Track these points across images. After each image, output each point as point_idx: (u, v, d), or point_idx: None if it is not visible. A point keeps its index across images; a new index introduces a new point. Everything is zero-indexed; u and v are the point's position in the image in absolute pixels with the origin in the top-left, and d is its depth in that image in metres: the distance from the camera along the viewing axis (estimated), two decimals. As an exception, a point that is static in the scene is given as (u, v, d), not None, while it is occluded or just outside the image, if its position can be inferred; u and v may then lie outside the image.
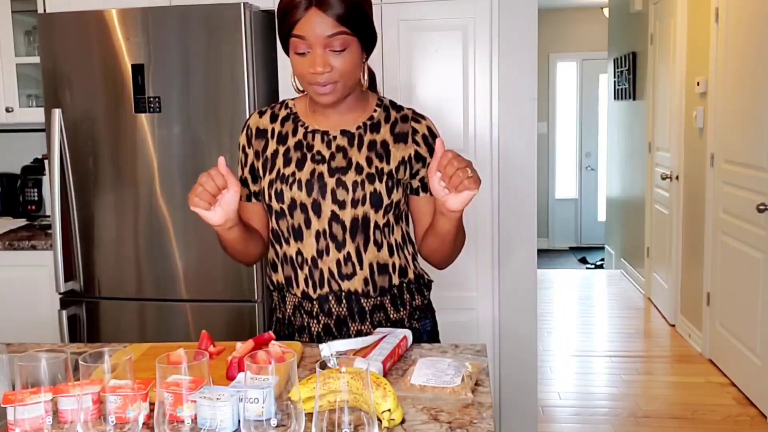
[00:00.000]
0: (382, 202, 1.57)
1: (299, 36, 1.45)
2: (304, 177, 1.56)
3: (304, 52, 1.47)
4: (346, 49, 1.46)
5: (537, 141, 2.89)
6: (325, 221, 1.56)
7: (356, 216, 1.56)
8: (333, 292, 1.59)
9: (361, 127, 1.60)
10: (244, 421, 1.03)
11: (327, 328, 1.62)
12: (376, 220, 1.58)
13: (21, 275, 2.98)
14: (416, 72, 2.81)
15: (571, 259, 8.14)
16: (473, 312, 2.87)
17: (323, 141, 1.59)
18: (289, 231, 1.59)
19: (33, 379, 1.12)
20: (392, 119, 1.62)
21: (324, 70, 1.46)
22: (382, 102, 1.64)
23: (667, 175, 4.91)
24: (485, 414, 1.22)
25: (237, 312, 2.69)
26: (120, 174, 2.73)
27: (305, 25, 1.44)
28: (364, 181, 1.55)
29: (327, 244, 1.57)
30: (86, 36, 2.69)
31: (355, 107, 1.60)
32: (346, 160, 1.56)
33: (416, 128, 1.62)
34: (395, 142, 1.59)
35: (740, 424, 3.40)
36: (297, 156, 1.58)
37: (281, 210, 1.58)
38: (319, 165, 1.57)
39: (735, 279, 3.78)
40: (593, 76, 8.45)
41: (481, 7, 2.75)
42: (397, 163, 1.58)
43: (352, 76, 1.51)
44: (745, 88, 3.64)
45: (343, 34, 1.45)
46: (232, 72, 2.61)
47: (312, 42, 1.45)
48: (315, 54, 1.45)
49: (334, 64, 1.46)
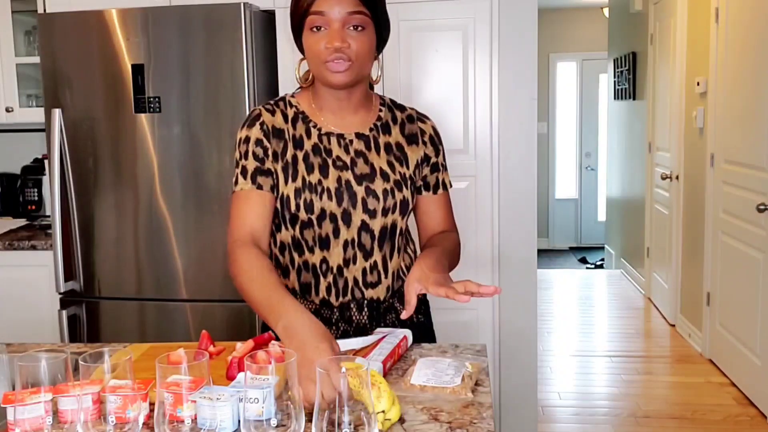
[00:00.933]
0: (408, 208, 1.58)
1: (318, 12, 1.44)
2: (332, 185, 1.52)
3: (320, 27, 1.45)
4: (364, 30, 1.46)
5: (537, 141, 2.89)
6: (355, 230, 1.54)
7: (385, 224, 1.55)
8: (356, 300, 1.58)
9: (373, 128, 1.58)
10: (244, 421, 1.03)
11: (346, 334, 1.59)
12: (401, 226, 1.59)
13: (21, 275, 2.98)
14: (416, 72, 2.81)
15: (571, 259, 8.14)
16: (473, 312, 2.87)
17: (340, 145, 1.55)
18: (314, 240, 1.54)
19: (33, 379, 1.12)
20: (399, 120, 1.61)
21: (342, 45, 1.44)
22: (385, 101, 1.64)
23: (667, 175, 4.91)
24: (485, 414, 1.22)
25: (237, 312, 2.69)
26: (120, 174, 2.73)
27: (325, 1, 1.43)
28: (393, 189, 1.54)
29: (354, 253, 1.55)
30: (86, 36, 2.69)
31: (361, 105, 1.58)
32: (369, 166, 1.55)
33: (423, 129, 1.63)
34: (409, 144, 1.60)
35: (740, 424, 3.40)
36: (318, 162, 1.53)
37: (308, 220, 1.51)
38: (343, 172, 1.53)
39: (735, 279, 3.78)
40: (593, 76, 8.45)
41: (481, 7, 2.75)
42: (414, 166, 1.59)
43: (367, 60, 1.50)
44: (745, 88, 3.64)
45: (362, 14, 1.45)
46: (232, 72, 2.61)
47: (331, 18, 1.44)
48: (333, 29, 1.44)
49: (351, 43, 1.45)
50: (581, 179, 8.72)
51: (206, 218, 2.66)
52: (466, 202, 2.81)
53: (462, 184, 2.81)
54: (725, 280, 3.92)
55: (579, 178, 8.73)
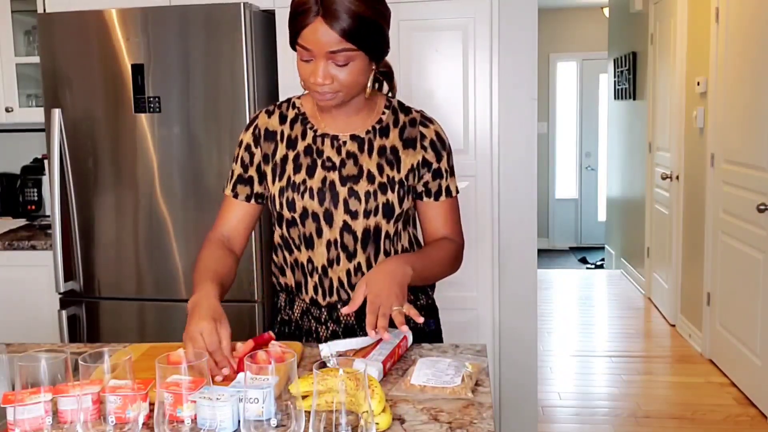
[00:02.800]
0: (394, 212, 1.55)
1: (303, 46, 1.42)
2: (316, 185, 1.54)
3: (307, 60, 1.44)
4: (350, 63, 1.43)
5: (537, 141, 2.89)
6: (337, 231, 1.54)
7: (368, 227, 1.54)
8: (342, 301, 1.58)
9: (370, 131, 1.57)
10: (244, 421, 1.03)
11: (335, 334, 1.61)
12: (387, 230, 1.57)
13: (21, 275, 2.98)
14: (416, 72, 2.81)
15: (571, 259, 8.14)
16: (473, 312, 2.87)
17: (333, 146, 1.56)
18: (300, 239, 1.57)
19: (33, 379, 1.12)
20: (401, 123, 1.59)
21: (324, 81, 1.43)
22: (391, 103, 1.61)
23: (667, 175, 4.91)
24: (485, 414, 1.22)
25: (237, 312, 2.68)
26: (120, 174, 2.73)
27: (310, 35, 1.40)
28: (376, 192, 1.53)
29: (338, 253, 1.56)
30: (86, 36, 2.69)
31: (362, 108, 1.57)
32: (357, 168, 1.54)
33: (424, 133, 1.59)
34: (404, 148, 1.57)
35: (740, 424, 3.40)
36: (307, 162, 1.55)
37: (292, 219, 1.56)
38: (330, 172, 1.54)
39: (735, 279, 3.78)
40: (593, 76, 8.45)
41: (481, 7, 2.75)
42: (407, 170, 1.56)
43: (355, 86, 1.48)
44: (745, 88, 3.64)
45: (347, 51, 1.40)
46: (232, 72, 2.61)
47: (315, 53, 1.41)
48: (317, 64, 1.42)
49: (336, 76, 1.43)
50: (581, 179, 8.72)
51: (206, 218, 2.66)
52: (466, 202, 2.81)
53: (462, 184, 2.79)
54: (725, 280, 3.92)
55: (579, 178, 8.73)
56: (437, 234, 1.63)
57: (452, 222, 1.64)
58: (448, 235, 1.64)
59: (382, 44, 1.47)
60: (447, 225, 1.63)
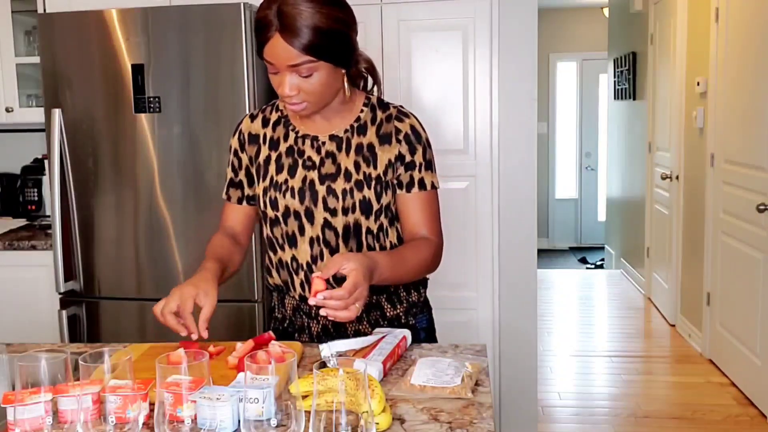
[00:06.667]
0: (372, 209, 1.56)
1: (266, 60, 1.44)
2: (297, 185, 1.57)
3: (274, 72, 1.46)
4: (314, 74, 1.44)
5: (537, 141, 2.89)
6: (318, 228, 1.57)
7: (348, 223, 1.56)
8: None
9: (348, 130, 1.59)
10: (244, 421, 1.03)
11: (325, 329, 1.63)
12: (368, 225, 1.58)
13: (21, 275, 2.98)
14: (416, 72, 2.81)
15: (571, 259, 8.14)
16: (473, 312, 2.87)
17: (313, 146, 1.59)
18: (283, 238, 1.60)
19: (33, 379, 1.12)
20: (378, 120, 1.60)
21: (291, 93, 1.45)
22: (369, 101, 1.62)
23: (667, 175, 4.91)
24: (485, 414, 1.22)
25: (237, 312, 2.69)
26: (120, 174, 2.73)
27: (271, 50, 1.41)
28: (353, 189, 1.55)
29: (321, 249, 1.58)
30: (86, 36, 2.70)
31: (340, 110, 1.58)
32: (335, 166, 1.56)
33: (399, 127, 1.59)
34: (381, 144, 1.58)
35: (740, 424, 3.40)
36: (289, 162, 1.59)
37: (275, 217, 1.60)
38: (310, 171, 1.57)
39: (735, 279, 3.78)
40: (593, 76, 8.45)
41: (481, 7, 2.75)
42: (384, 166, 1.57)
43: (324, 95, 1.49)
44: (745, 88, 3.64)
45: (308, 63, 1.41)
46: (232, 72, 2.61)
47: (278, 67, 1.43)
48: (283, 77, 1.44)
49: (303, 87, 1.45)
50: (581, 179, 8.72)
51: (206, 218, 2.66)
52: (466, 202, 2.81)
53: (462, 184, 2.82)
54: (725, 280, 3.92)
55: (579, 178, 8.73)
56: (414, 230, 1.60)
57: (428, 218, 1.60)
58: (425, 233, 1.60)
59: (347, 51, 1.48)
60: (426, 221, 1.60)
